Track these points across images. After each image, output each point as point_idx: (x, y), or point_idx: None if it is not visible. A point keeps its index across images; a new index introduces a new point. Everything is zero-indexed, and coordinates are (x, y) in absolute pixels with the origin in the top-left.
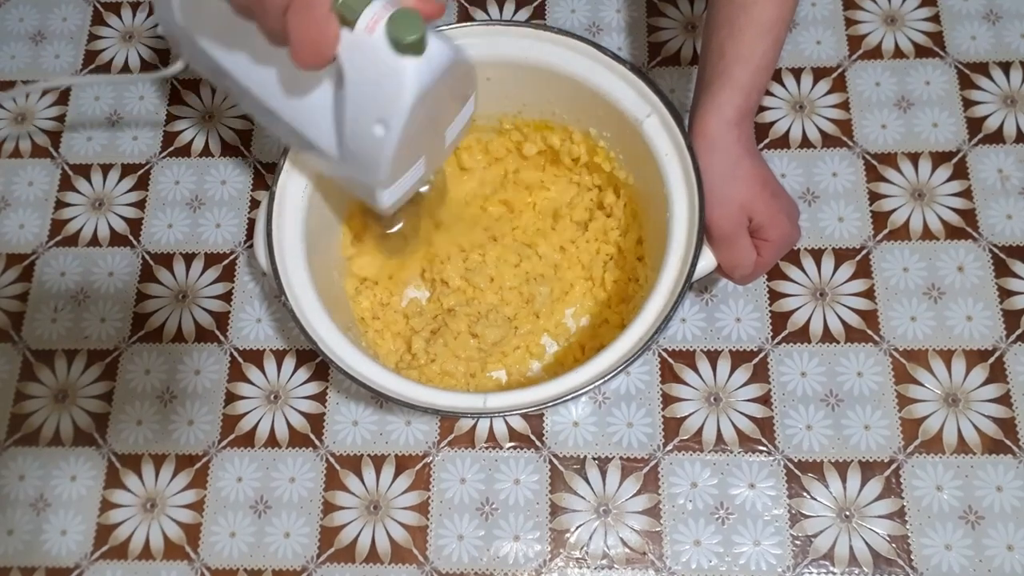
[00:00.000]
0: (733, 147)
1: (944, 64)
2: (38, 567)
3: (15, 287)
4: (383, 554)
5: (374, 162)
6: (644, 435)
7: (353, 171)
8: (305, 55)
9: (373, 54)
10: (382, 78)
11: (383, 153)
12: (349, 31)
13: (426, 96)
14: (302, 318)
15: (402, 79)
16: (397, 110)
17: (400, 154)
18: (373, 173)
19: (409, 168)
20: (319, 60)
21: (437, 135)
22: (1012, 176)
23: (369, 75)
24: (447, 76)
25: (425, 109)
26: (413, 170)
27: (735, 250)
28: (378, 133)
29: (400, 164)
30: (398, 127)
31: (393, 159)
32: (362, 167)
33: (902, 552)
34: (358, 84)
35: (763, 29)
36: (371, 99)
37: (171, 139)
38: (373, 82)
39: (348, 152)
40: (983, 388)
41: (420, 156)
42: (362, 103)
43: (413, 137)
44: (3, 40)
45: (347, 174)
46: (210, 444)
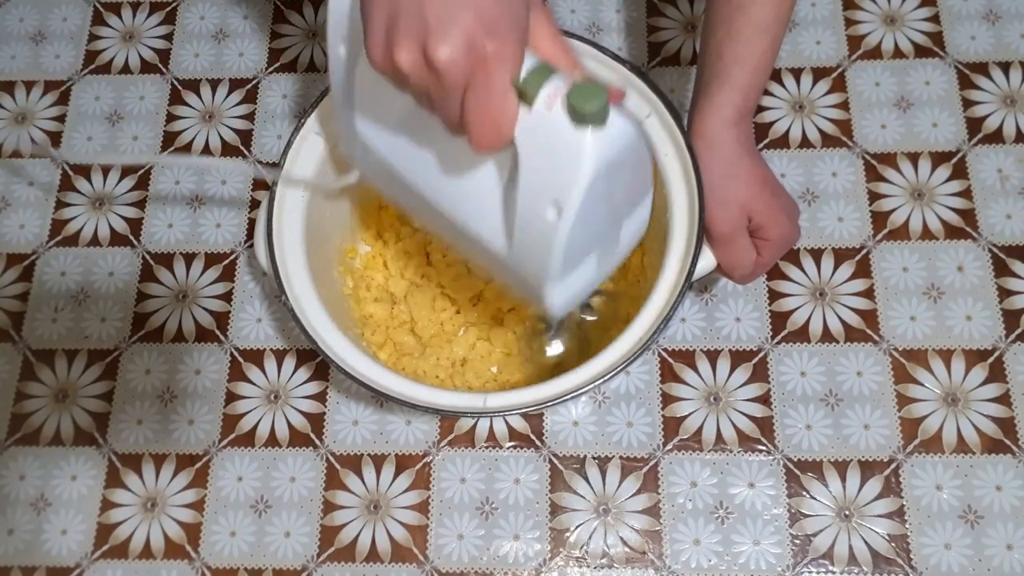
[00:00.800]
0: (732, 147)
1: (944, 64)
2: (39, 567)
3: (15, 287)
4: (383, 553)
5: (544, 251)
6: (644, 435)
7: (521, 266)
8: (484, 135)
9: (551, 130)
10: (559, 153)
11: (555, 238)
12: (527, 110)
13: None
14: (302, 318)
15: (580, 150)
16: (573, 185)
17: (572, 242)
18: (543, 264)
19: (580, 264)
20: (498, 140)
21: (612, 229)
22: (1012, 176)
23: (545, 153)
24: (627, 154)
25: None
26: (584, 267)
27: (735, 250)
28: (550, 217)
29: (571, 255)
30: (572, 206)
31: (566, 245)
32: (531, 259)
33: (901, 551)
34: (533, 164)
35: (761, 29)
36: (546, 179)
37: (171, 139)
38: (549, 160)
39: (517, 244)
40: (982, 388)
41: (593, 252)
42: (536, 185)
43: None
44: (3, 40)
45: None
46: (210, 444)
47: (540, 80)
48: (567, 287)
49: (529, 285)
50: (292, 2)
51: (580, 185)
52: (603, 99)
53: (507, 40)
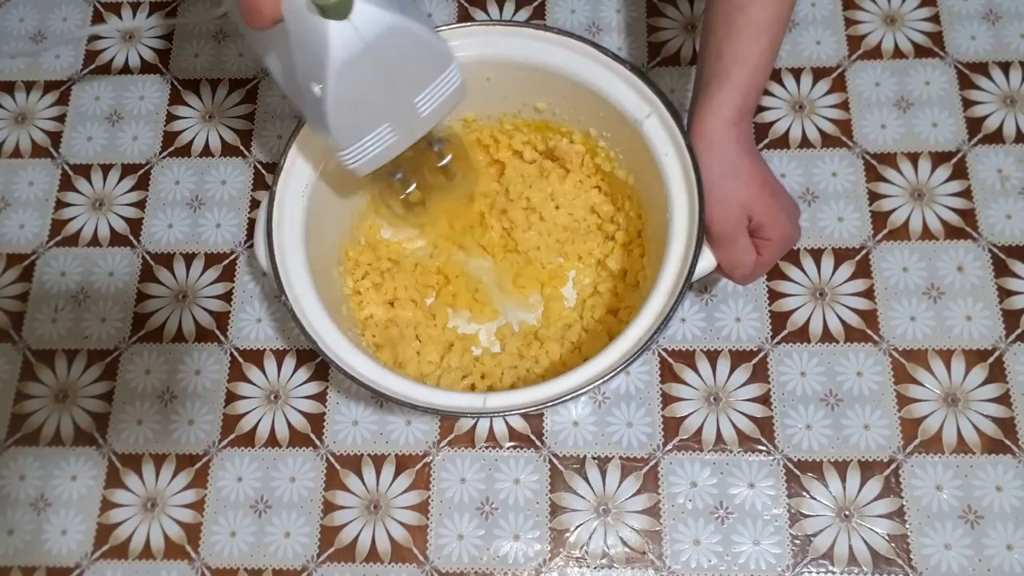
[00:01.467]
0: (732, 147)
1: (944, 64)
2: (39, 567)
3: (15, 287)
4: (383, 553)
5: (322, 122)
6: (644, 435)
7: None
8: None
9: (304, 17)
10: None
11: (323, 112)
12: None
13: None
14: (302, 318)
15: (325, 42)
16: (326, 72)
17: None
18: (324, 133)
19: (370, 133)
20: (261, 21)
21: (402, 103)
22: (1012, 176)
23: (305, 37)
24: (385, 42)
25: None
26: (376, 135)
27: (735, 250)
28: (317, 93)
29: (352, 127)
30: (330, 88)
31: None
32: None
33: (901, 552)
34: (298, 44)
35: (760, 29)
36: (308, 60)
37: (171, 139)
38: (308, 44)
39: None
40: (982, 388)
41: (383, 122)
42: (303, 63)
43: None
44: (3, 40)
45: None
46: (210, 444)
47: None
48: (360, 152)
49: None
50: None
51: (330, 71)
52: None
53: None
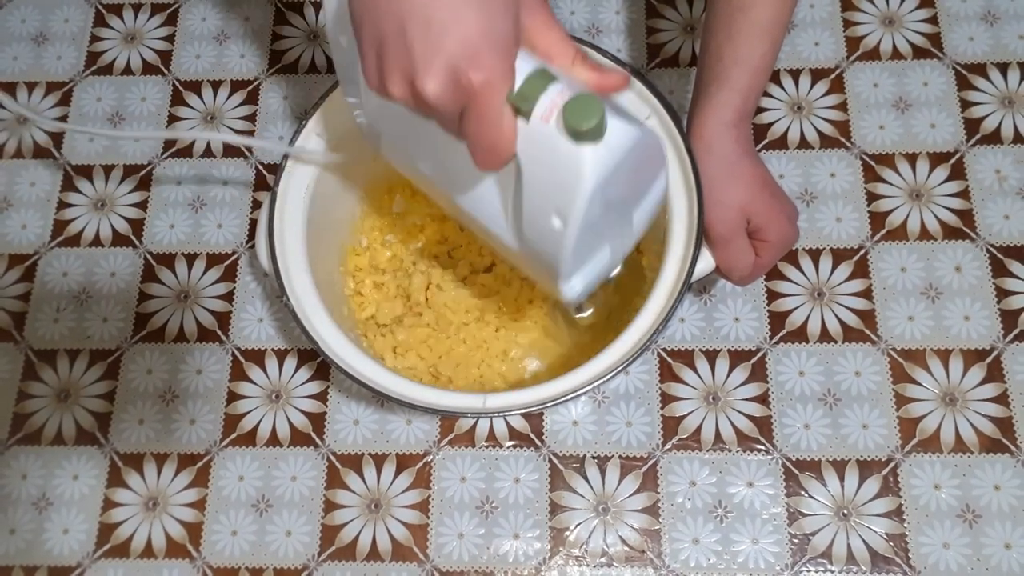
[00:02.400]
0: (731, 148)
1: (942, 65)
2: (40, 566)
3: (17, 287)
4: (384, 552)
5: (553, 255)
6: (643, 434)
7: (534, 262)
8: (483, 158)
9: (549, 144)
10: (559, 168)
11: (562, 246)
12: (525, 122)
13: (606, 184)
14: (303, 318)
15: (579, 168)
16: (575, 201)
17: (580, 245)
18: (553, 266)
19: (592, 257)
20: (497, 161)
21: (623, 220)
22: (1009, 176)
23: (546, 166)
24: (629, 159)
25: (606, 197)
26: (598, 258)
27: (733, 251)
28: (556, 226)
29: (581, 254)
30: (576, 219)
31: (572, 251)
32: (542, 259)
33: (900, 550)
34: (535, 175)
35: (761, 31)
36: (548, 190)
37: (173, 140)
38: (550, 173)
39: (527, 244)
40: (981, 387)
41: (605, 244)
42: (539, 195)
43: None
44: (5, 41)
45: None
46: (212, 443)
47: (536, 92)
48: (580, 279)
49: (544, 278)
50: (293, 4)
51: (581, 199)
52: (599, 115)
53: (493, 67)
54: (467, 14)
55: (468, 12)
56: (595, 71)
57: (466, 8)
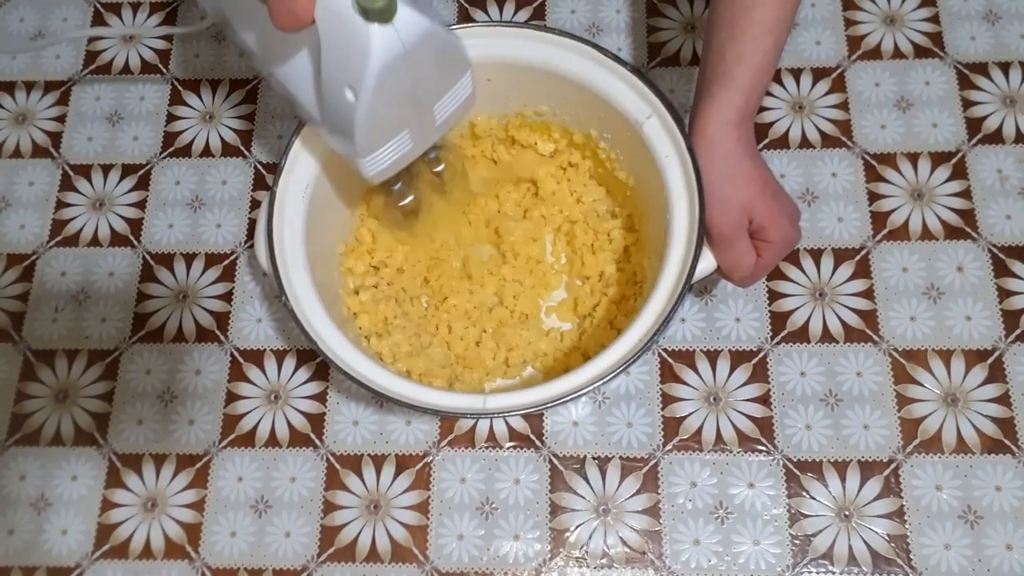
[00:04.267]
0: (733, 148)
1: (943, 64)
2: (39, 567)
3: (16, 287)
4: (383, 553)
5: (348, 128)
6: (644, 435)
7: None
8: (280, 17)
9: (344, 19)
10: (351, 44)
11: (355, 120)
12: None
13: (395, 65)
14: (302, 318)
15: (367, 46)
16: (365, 76)
17: (374, 122)
18: (349, 140)
19: (390, 140)
20: (294, 22)
21: (423, 109)
22: (1011, 176)
23: (341, 40)
24: (422, 47)
25: (399, 79)
26: (396, 142)
27: (735, 252)
28: (349, 98)
29: (377, 134)
30: (366, 94)
31: (366, 127)
32: (340, 133)
33: (901, 552)
34: (332, 48)
35: (764, 30)
36: (342, 64)
37: (171, 139)
38: (344, 47)
39: (328, 117)
40: (982, 388)
41: (403, 129)
42: (335, 67)
43: (389, 107)
44: (3, 40)
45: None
46: (211, 444)
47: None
48: (378, 159)
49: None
50: None
51: (369, 76)
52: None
53: None
54: None
55: None
56: None
57: None
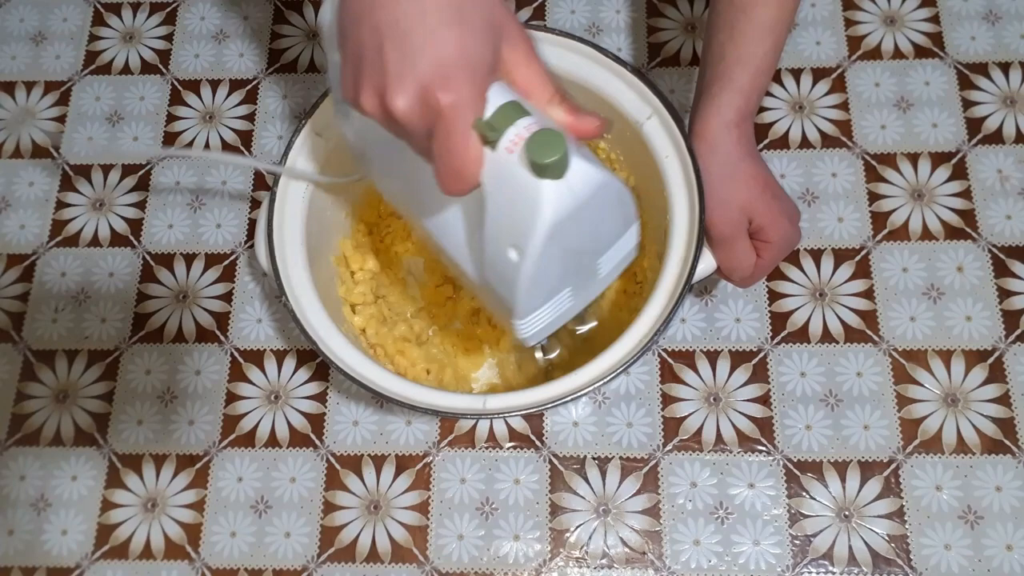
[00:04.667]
0: (733, 149)
1: (944, 64)
2: (39, 567)
3: (16, 287)
4: (383, 554)
5: (509, 289)
6: (644, 435)
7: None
8: (448, 182)
9: (511, 176)
10: (519, 201)
11: (517, 280)
12: (491, 151)
13: (566, 223)
14: (302, 319)
15: (537, 202)
16: (531, 235)
17: (536, 283)
18: (509, 301)
19: (551, 299)
20: (462, 186)
21: (587, 266)
22: (1011, 176)
23: (507, 197)
24: (592, 203)
25: (567, 237)
26: (556, 301)
27: (734, 252)
28: (512, 259)
29: (538, 293)
30: (532, 254)
31: (527, 287)
32: (499, 294)
33: (901, 552)
34: (497, 206)
35: (763, 31)
36: (508, 222)
37: (172, 139)
38: (511, 205)
39: (487, 277)
40: (982, 388)
41: (566, 287)
42: (500, 226)
43: (554, 265)
44: (3, 40)
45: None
46: (211, 444)
47: (504, 123)
48: (537, 320)
49: (502, 314)
50: (292, 3)
51: (537, 234)
52: (561, 151)
53: (463, 91)
54: (445, 36)
55: (446, 34)
56: (571, 113)
57: (445, 30)
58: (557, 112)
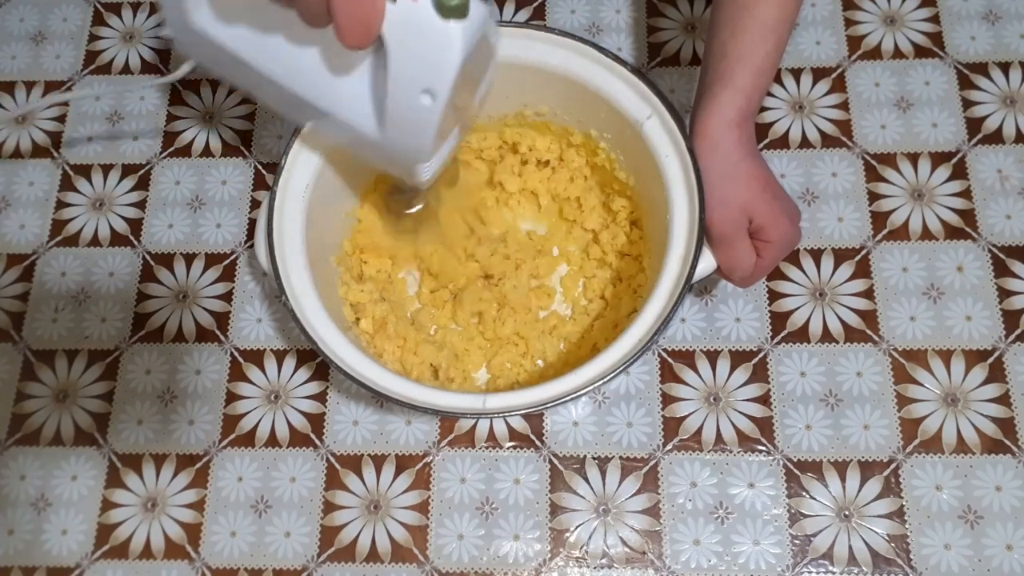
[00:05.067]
0: (734, 148)
1: (943, 64)
2: (39, 567)
3: (16, 287)
4: (383, 553)
5: (419, 134)
6: (644, 435)
7: (395, 149)
8: (353, 33)
9: (417, 23)
10: (428, 46)
11: (430, 123)
12: (392, 3)
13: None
14: (302, 318)
15: (450, 43)
16: (445, 75)
17: (444, 123)
18: (417, 146)
19: (447, 137)
20: (367, 37)
21: (470, 99)
22: (1011, 176)
23: (414, 45)
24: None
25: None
26: (450, 139)
27: (734, 252)
28: (425, 103)
29: (443, 132)
30: (445, 93)
31: (438, 128)
32: (405, 143)
33: (901, 552)
34: (403, 55)
35: (765, 30)
36: (417, 69)
37: (172, 139)
38: (418, 51)
39: (390, 129)
40: (982, 388)
41: (457, 123)
42: (407, 75)
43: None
44: (3, 40)
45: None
46: (211, 444)
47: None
48: (436, 161)
49: (401, 162)
50: None
51: (452, 73)
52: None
53: None
54: None
55: None
56: None
57: None
58: None
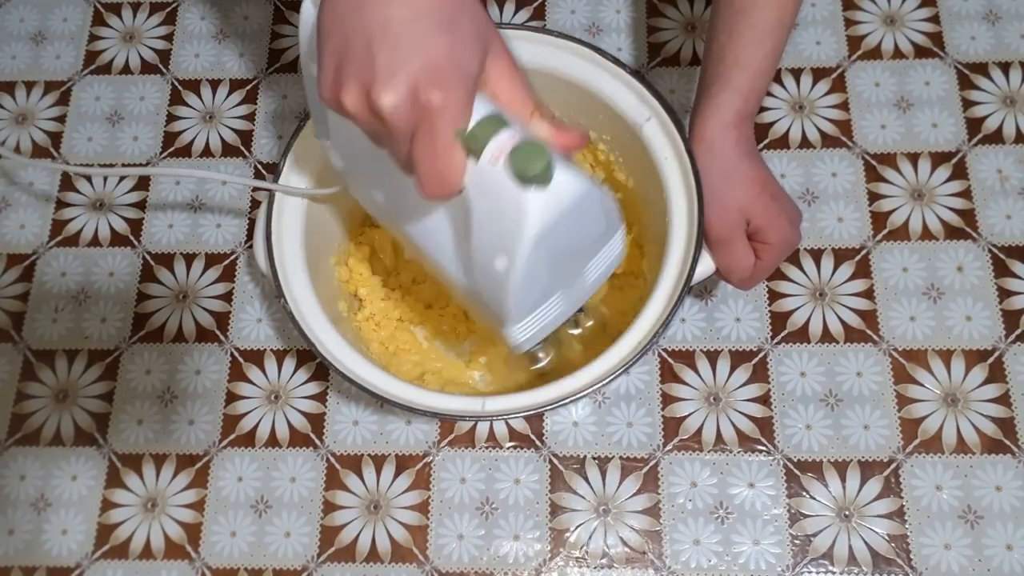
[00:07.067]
0: (732, 150)
1: (944, 64)
2: (39, 567)
3: (16, 287)
4: (383, 553)
5: (498, 297)
6: (644, 435)
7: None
8: (430, 185)
9: (496, 186)
10: (505, 211)
11: (506, 288)
12: (475, 162)
13: (552, 231)
14: (301, 320)
15: (523, 213)
16: (518, 244)
17: (526, 289)
18: (498, 309)
19: (540, 305)
20: (444, 191)
21: (575, 271)
22: (1011, 176)
23: (493, 207)
24: (577, 211)
25: (553, 244)
26: (547, 306)
27: (732, 253)
28: (500, 267)
29: (528, 299)
30: (520, 262)
31: (516, 295)
32: (488, 301)
33: (901, 551)
34: (483, 215)
35: (763, 33)
36: (495, 231)
37: (171, 139)
38: (496, 215)
39: (474, 284)
40: (982, 388)
41: (555, 293)
42: (486, 235)
43: (542, 272)
44: (3, 40)
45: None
46: (211, 444)
47: (488, 133)
48: (528, 326)
49: (491, 321)
50: (292, 3)
51: (524, 243)
52: (544, 161)
53: (452, 92)
54: (437, 40)
55: (438, 38)
56: (553, 127)
57: (437, 35)
58: (539, 126)
